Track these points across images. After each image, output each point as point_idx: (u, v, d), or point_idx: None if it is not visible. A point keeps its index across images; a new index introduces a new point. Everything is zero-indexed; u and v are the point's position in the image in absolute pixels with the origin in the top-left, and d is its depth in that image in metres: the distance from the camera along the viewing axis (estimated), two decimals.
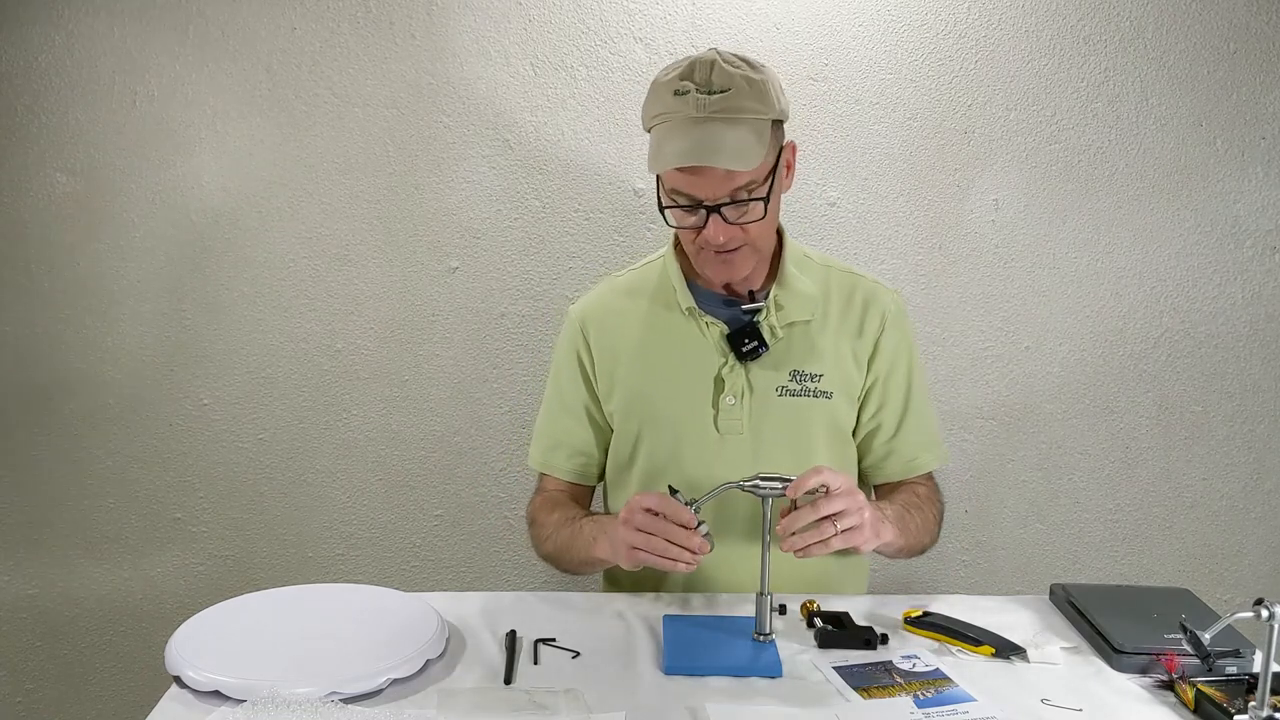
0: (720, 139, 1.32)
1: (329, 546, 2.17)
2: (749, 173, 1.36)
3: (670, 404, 1.51)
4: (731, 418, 1.49)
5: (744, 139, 1.34)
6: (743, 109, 1.34)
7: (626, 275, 1.62)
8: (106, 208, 2.04)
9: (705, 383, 1.50)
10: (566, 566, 1.54)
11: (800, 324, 1.50)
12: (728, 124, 1.33)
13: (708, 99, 1.33)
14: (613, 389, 1.55)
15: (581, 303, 1.61)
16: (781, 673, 1.24)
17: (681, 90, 1.34)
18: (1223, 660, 1.23)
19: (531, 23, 2.00)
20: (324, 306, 2.08)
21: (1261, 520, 2.20)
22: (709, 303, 1.51)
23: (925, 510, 1.53)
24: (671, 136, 1.35)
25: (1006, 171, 2.07)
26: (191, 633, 1.26)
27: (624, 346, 1.54)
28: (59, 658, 2.20)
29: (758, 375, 1.49)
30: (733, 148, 1.33)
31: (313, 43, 2.00)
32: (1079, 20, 2.02)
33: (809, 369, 1.50)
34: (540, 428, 1.64)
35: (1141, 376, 2.14)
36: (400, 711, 1.14)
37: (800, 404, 1.49)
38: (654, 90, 1.40)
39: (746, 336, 1.47)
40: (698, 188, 1.36)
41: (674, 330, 1.52)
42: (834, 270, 1.56)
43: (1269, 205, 2.09)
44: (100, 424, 2.11)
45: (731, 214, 1.37)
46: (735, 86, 1.34)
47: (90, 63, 1.99)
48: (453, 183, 2.05)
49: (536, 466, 1.63)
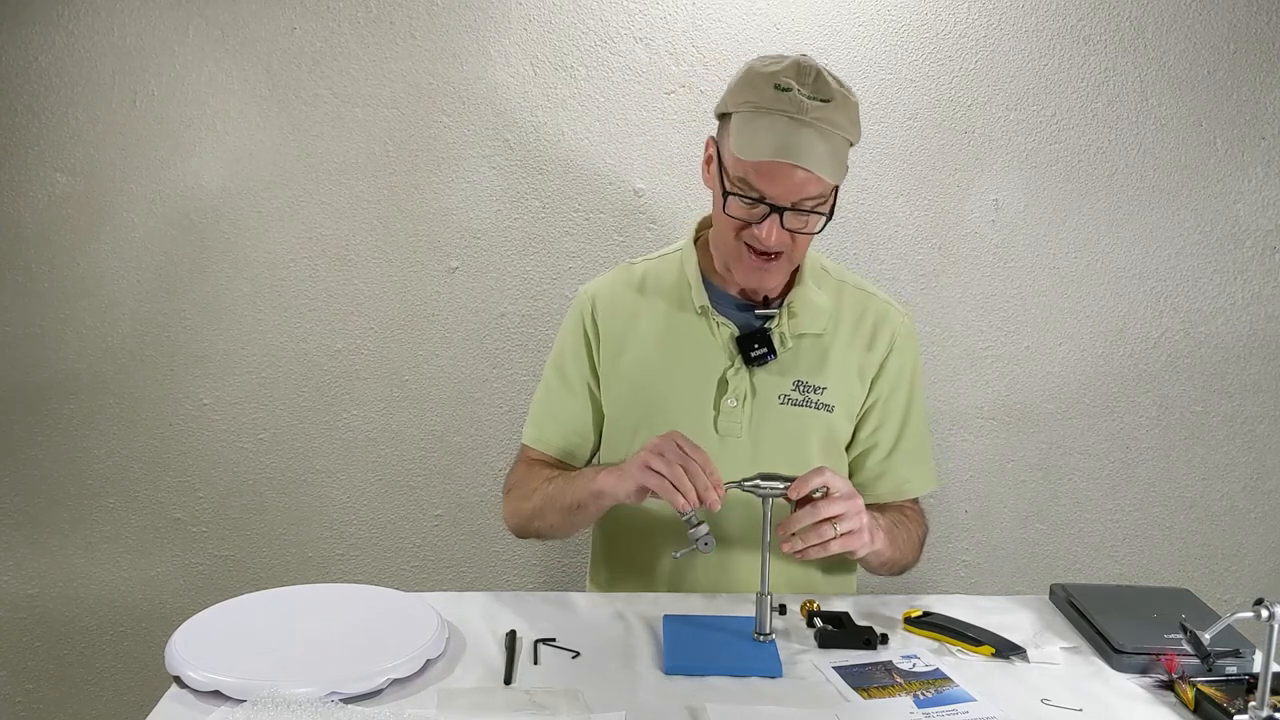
0: (814, 146, 1.34)
1: (329, 546, 2.17)
2: (821, 185, 1.37)
3: (672, 400, 1.51)
4: (732, 420, 1.49)
5: (833, 152, 1.36)
6: (836, 124, 1.36)
7: (642, 265, 1.61)
8: (106, 208, 2.04)
9: (709, 383, 1.50)
10: (550, 520, 1.50)
11: (811, 336, 1.51)
12: (823, 134, 1.34)
13: (811, 104, 1.34)
14: (613, 376, 1.55)
15: (593, 284, 1.61)
16: (781, 673, 1.24)
17: (784, 86, 1.34)
18: (1223, 660, 1.23)
19: (531, 23, 2.00)
20: (324, 306, 2.08)
21: (1261, 520, 2.20)
22: (722, 304, 1.51)
23: (911, 529, 1.54)
24: (770, 129, 1.34)
25: (1006, 171, 2.07)
26: (191, 633, 1.26)
27: (631, 336, 1.54)
28: (59, 658, 2.20)
29: (762, 381, 1.49)
30: (826, 157, 1.34)
31: (313, 43, 2.00)
32: (1079, 20, 2.02)
33: (813, 381, 1.50)
34: (537, 404, 1.62)
35: (1141, 377, 2.14)
36: (400, 711, 1.14)
37: (801, 414, 1.50)
38: (750, 77, 1.39)
39: (756, 342, 1.47)
40: (773, 185, 1.36)
41: (684, 327, 1.52)
42: (848, 287, 1.57)
43: (1269, 205, 2.09)
44: (100, 424, 2.11)
45: (792, 221, 1.38)
46: (836, 100, 1.35)
47: (90, 63, 1.99)
48: (453, 183, 2.05)
49: (528, 442, 1.61)
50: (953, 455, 2.15)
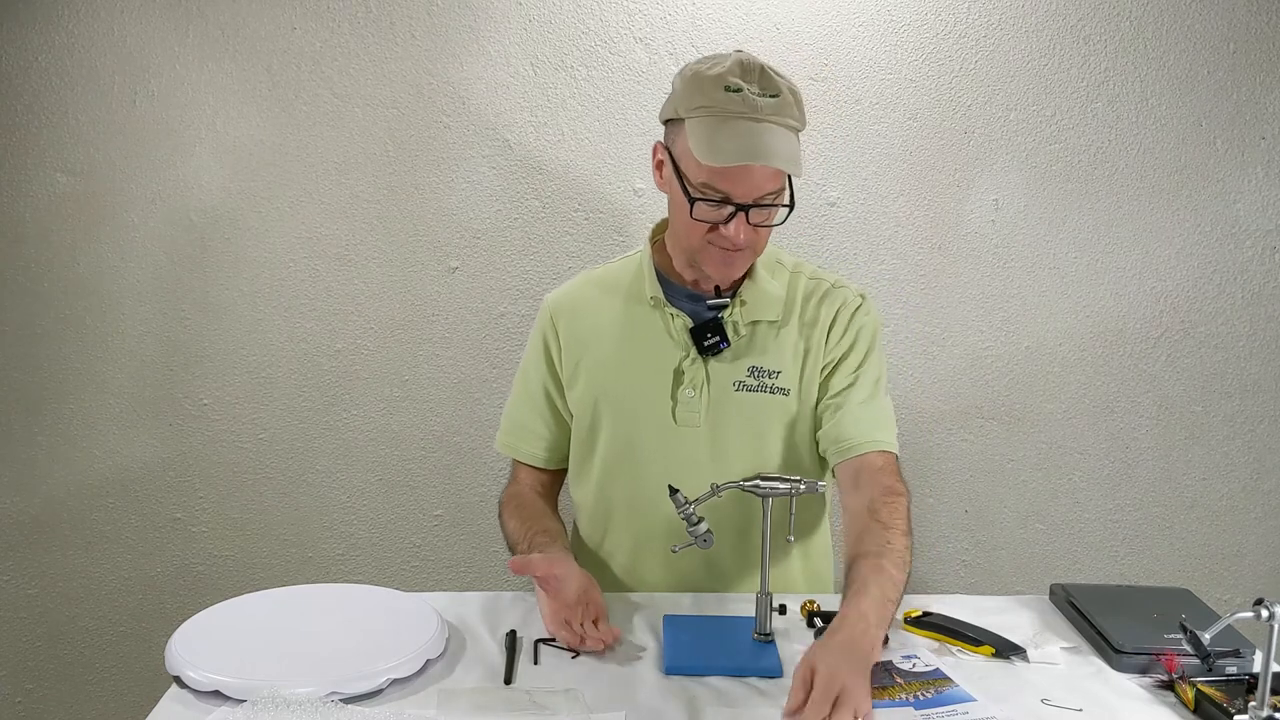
0: (773, 142, 1.35)
1: (329, 546, 2.17)
2: (780, 178, 1.38)
3: (630, 394, 1.52)
4: (690, 410, 1.50)
5: (791, 145, 1.38)
6: (790, 116, 1.38)
7: (602, 269, 1.63)
8: (106, 208, 2.04)
9: (665, 374, 1.51)
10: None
11: (764, 323, 1.51)
12: (776, 129, 1.36)
13: (764, 101, 1.35)
14: (576, 377, 1.57)
15: (556, 293, 1.63)
16: (781, 673, 1.24)
17: (734, 87, 1.35)
18: (1223, 660, 1.23)
19: (531, 23, 2.00)
20: (324, 306, 2.08)
21: (1261, 520, 2.20)
22: (675, 296, 1.52)
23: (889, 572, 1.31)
24: (732, 133, 1.35)
25: (1006, 171, 2.07)
26: (191, 633, 1.26)
27: (592, 337, 1.56)
28: (59, 658, 2.20)
29: (717, 370, 1.50)
30: (787, 152, 1.36)
31: (313, 43, 2.00)
32: (1079, 20, 2.02)
33: (767, 365, 1.50)
34: (507, 413, 1.66)
35: (1141, 376, 2.14)
36: (400, 711, 1.14)
37: (757, 400, 1.50)
38: (697, 81, 1.38)
39: (709, 331, 1.48)
40: (737, 185, 1.37)
41: (639, 321, 1.53)
42: (803, 276, 1.57)
43: (1269, 205, 2.09)
44: (100, 424, 2.11)
45: (757, 216, 1.39)
46: (782, 94, 1.37)
47: (90, 63, 1.99)
48: (453, 183, 2.05)
49: (501, 450, 1.65)
50: (953, 455, 2.15)
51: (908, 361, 2.12)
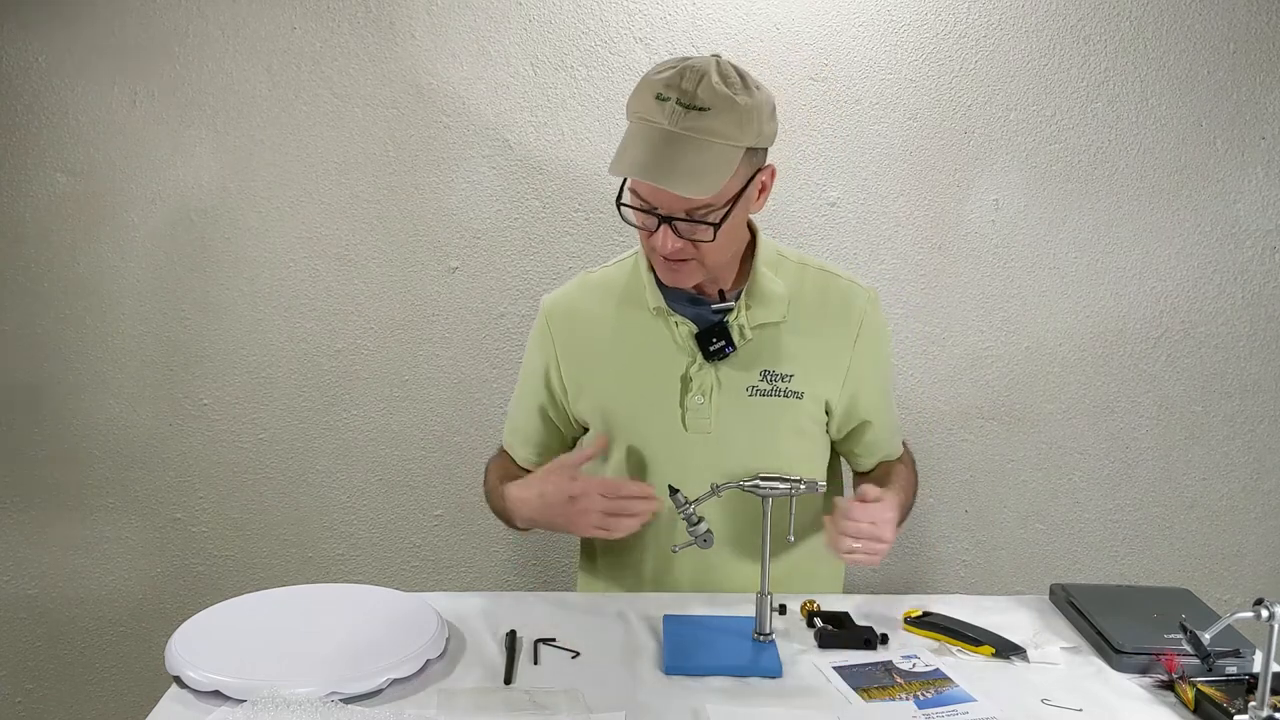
0: (681, 160, 1.28)
1: (329, 546, 2.17)
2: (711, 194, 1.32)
3: (637, 404, 1.51)
4: (700, 417, 1.48)
5: (707, 164, 1.30)
6: (714, 132, 1.29)
7: (599, 272, 1.60)
8: (106, 208, 2.04)
9: (672, 382, 1.49)
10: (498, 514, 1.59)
11: (771, 325, 1.49)
12: (695, 145, 1.29)
13: (683, 113, 1.29)
14: (582, 391, 1.56)
15: (553, 296, 1.61)
16: (781, 673, 1.24)
17: (663, 96, 1.30)
18: (1223, 660, 1.23)
19: (531, 23, 2.00)
20: (324, 306, 2.08)
21: (1261, 520, 2.20)
22: (677, 301, 1.49)
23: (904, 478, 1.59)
24: (638, 143, 1.32)
25: (1006, 171, 2.07)
26: (191, 633, 1.26)
27: (592, 348, 1.54)
28: (59, 658, 2.20)
29: (727, 374, 1.48)
30: (691, 172, 1.28)
31: (313, 43, 2.00)
32: (1079, 20, 2.02)
33: (780, 369, 1.49)
34: (510, 408, 1.68)
35: (1141, 376, 2.14)
36: (400, 711, 1.14)
37: (770, 404, 1.49)
38: (641, 85, 1.36)
39: (714, 336, 1.45)
40: (654, 196, 1.34)
41: (642, 329, 1.51)
42: (809, 269, 1.54)
43: (1269, 205, 2.09)
44: (100, 424, 2.11)
45: (684, 229, 1.35)
46: (716, 107, 1.29)
47: (90, 63, 1.99)
48: (453, 183, 2.05)
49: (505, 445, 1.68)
50: (953, 455, 2.15)
51: (908, 361, 2.12)
